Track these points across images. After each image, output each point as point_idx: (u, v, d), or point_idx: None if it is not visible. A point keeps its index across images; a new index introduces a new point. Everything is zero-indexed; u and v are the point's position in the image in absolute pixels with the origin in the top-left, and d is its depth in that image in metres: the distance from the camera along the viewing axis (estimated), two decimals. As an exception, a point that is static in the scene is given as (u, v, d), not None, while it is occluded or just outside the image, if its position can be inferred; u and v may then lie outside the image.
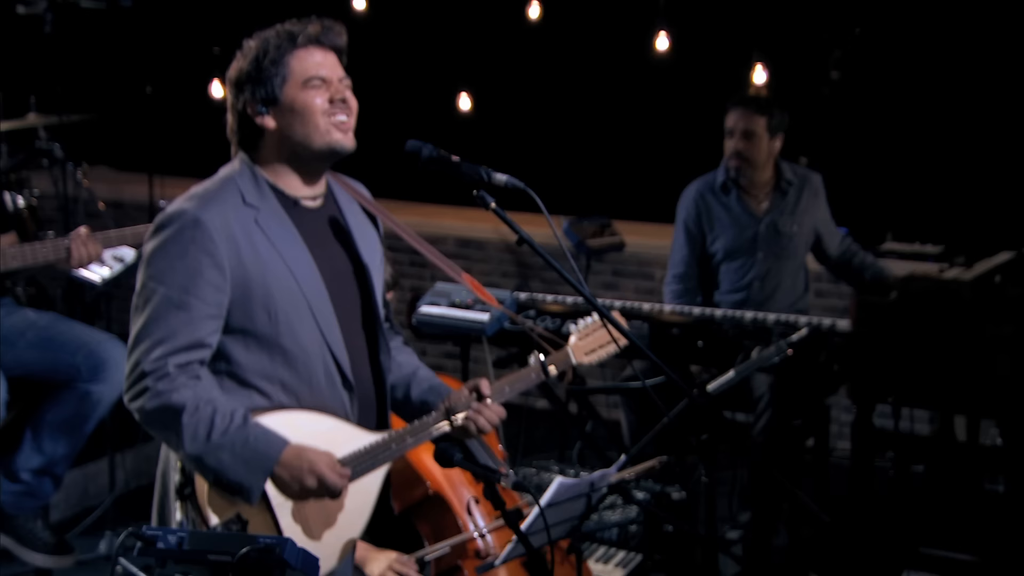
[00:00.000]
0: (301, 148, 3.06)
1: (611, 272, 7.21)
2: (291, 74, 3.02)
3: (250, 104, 3.03)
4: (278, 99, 3.02)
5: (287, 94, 3.02)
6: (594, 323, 3.62)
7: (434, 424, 3.21)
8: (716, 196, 5.60)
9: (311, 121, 3.03)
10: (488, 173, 3.10)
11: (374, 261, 3.25)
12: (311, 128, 3.03)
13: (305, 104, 3.03)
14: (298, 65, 3.03)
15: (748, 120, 5.44)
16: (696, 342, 4.96)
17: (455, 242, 7.56)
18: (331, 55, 3.10)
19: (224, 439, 2.91)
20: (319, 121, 3.03)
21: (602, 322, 3.54)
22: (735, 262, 5.58)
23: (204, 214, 2.95)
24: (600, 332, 3.61)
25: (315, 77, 3.04)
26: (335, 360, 3.09)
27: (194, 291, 2.93)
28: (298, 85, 3.02)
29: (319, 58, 3.06)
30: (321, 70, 3.05)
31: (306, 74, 3.03)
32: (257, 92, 3.02)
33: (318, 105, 3.03)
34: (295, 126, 3.03)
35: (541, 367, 3.44)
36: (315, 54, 3.06)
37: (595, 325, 3.62)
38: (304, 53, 3.04)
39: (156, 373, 2.92)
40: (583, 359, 3.56)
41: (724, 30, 7.07)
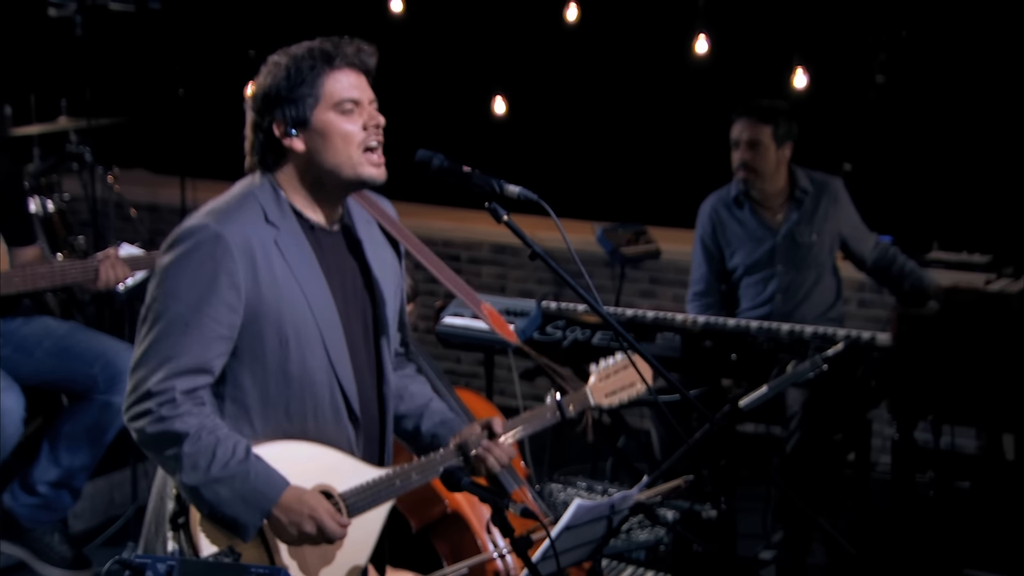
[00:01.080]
0: (328, 175, 2.96)
1: (648, 280, 7.06)
2: (324, 96, 2.92)
3: (278, 124, 2.93)
4: (308, 122, 2.92)
5: (318, 117, 2.93)
6: (616, 364, 3.50)
7: (442, 463, 3.09)
8: (730, 210, 5.47)
9: (343, 150, 2.94)
10: (500, 184, 2.99)
11: (388, 287, 3.13)
12: (343, 158, 2.94)
13: (337, 130, 2.93)
14: (331, 87, 2.93)
15: (753, 130, 5.30)
16: (729, 355, 4.80)
17: (490, 248, 7.44)
18: (363, 77, 3.00)
19: (224, 472, 2.80)
20: (352, 152, 2.94)
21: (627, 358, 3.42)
22: (755, 277, 5.45)
23: (225, 229, 2.85)
24: (623, 374, 3.48)
25: (348, 100, 2.94)
26: (343, 392, 3.00)
27: (208, 310, 2.83)
28: (330, 108, 2.92)
29: (353, 80, 2.97)
30: (353, 92, 2.95)
31: (339, 96, 2.93)
32: (288, 113, 2.92)
33: (351, 132, 2.94)
34: (325, 152, 2.94)
35: (558, 407, 3.31)
36: (349, 76, 2.96)
37: (618, 366, 3.50)
38: (338, 75, 2.94)
39: (161, 396, 2.82)
40: (603, 401, 3.45)
41: (764, 33, 6.91)
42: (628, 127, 7.43)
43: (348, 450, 3.01)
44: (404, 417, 3.27)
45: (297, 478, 2.89)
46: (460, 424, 3.24)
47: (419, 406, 3.27)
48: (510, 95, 7.31)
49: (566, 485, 4.62)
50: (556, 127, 7.63)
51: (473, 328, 4.60)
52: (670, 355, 4.87)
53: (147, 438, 2.85)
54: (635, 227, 6.13)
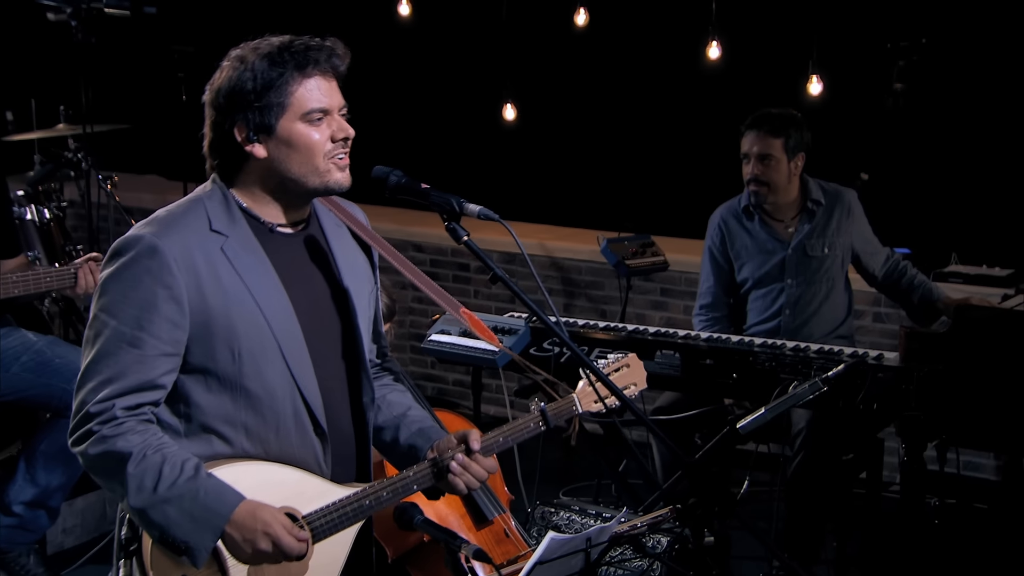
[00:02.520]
0: (291, 183, 2.81)
1: (659, 291, 6.90)
2: (291, 104, 2.76)
3: (240, 128, 2.78)
4: (273, 129, 2.77)
5: (284, 126, 2.77)
6: (610, 364, 3.33)
7: (415, 481, 2.93)
8: (740, 221, 5.33)
9: (310, 161, 2.79)
10: (460, 203, 2.83)
11: (360, 293, 2.98)
12: (309, 168, 2.79)
13: (303, 141, 2.78)
14: (301, 96, 2.77)
15: (763, 143, 5.15)
16: (730, 374, 4.63)
17: (499, 257, 7.28)
18: (333, 82, 2.84)
19: (171, 492, 2.66)
20: (319, 162, 2.79)
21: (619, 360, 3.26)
22: (763, 290, 5.30)
23: (162, 241, 2.70)
24: (619, 375, 3.32)
25: (316, 110, 2.78)
26: (306, 404, 2.84)
27: (148, 326, 2.69)
28: (297, 117, 2.77)
29: (324, 88, 2.81)
30: (323, 101, 2.79)
31: (309, 106, 2.78)
32: (251, 118, 2.76)
33: (317, 143, 2.79)
34: (290, 161, 2.79)
35: (542, 415, 3.14)
36: (320, 83, 2.80)
37: (611, 367, 3.33)
38: (309, 83, 2.78)
39: (102, 416, 2.68)
40: (592, 407, 3.27)
41: (778, 39, 6.74)
42: (638, 134, 7.30)
43: (316, 468, 2.86)
44: (382, 428, 3.12)
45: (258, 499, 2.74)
46: (439, 434, 3.08)
47: (396, 416, 3.12)
48: (519, 101, 7.16)
49: (559, 508, 4.47)
50: (565, 134, 7.51)
51: (459, 345, 4.45)
52: (669, 373, 4.72)
53: (90, 460, 2.72)
54: (642, 238, 5.98)
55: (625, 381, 3.34)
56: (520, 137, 7.40)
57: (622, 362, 3.34)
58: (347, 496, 2.84)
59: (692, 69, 6.81)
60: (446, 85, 7.81)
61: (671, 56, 7.04)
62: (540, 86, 7.42)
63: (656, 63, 7.12)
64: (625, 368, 3.35)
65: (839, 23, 6.56)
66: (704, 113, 6.96)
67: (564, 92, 7.45)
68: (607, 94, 7.35)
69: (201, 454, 2.76)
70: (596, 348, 4.81)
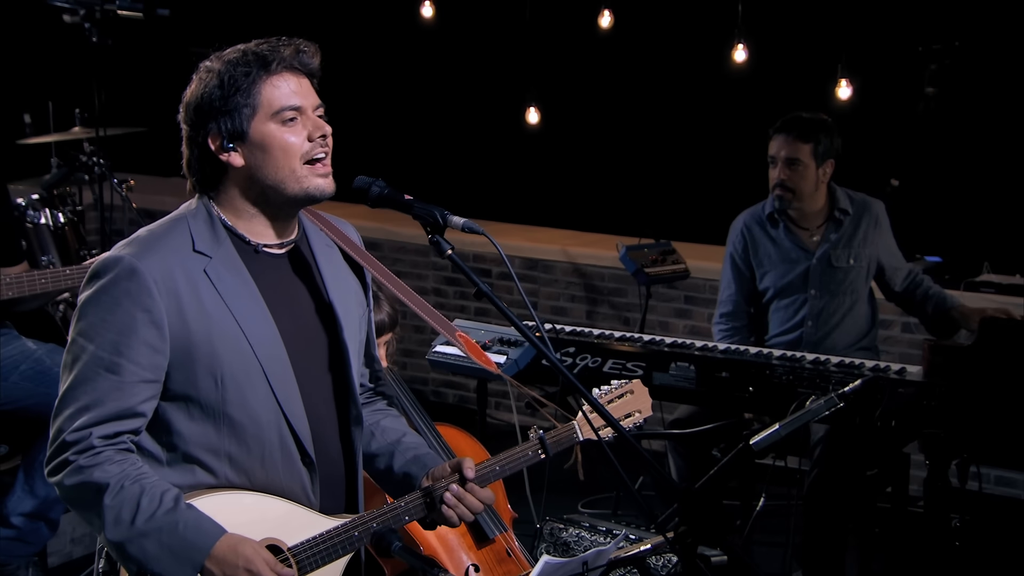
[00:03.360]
0: (272, 191, 2.70)
1: (683, 299, 6.76)
2: (261, 105, 2.65)
3: (213, 138, 2.67)
4: (246, 134, 2.66)
5: (256, 128, 2.66)
6: (611, 393, 3.20)
7: (407, 512, 2.81)
8: (763, 228, 5.18)
9: (286, 164, 2.67)
10: (444, 215, 2.70)
11: (349, 315, 2.86)
12: (285, 172, 2.67)
13: (278, 142, 2.66)
14: (269, 95, 2.66)
15: (791, 147, 5.00)
16: (747, 387, 4.49)
17: (521, 263, 7.18)
18: (305, 80, 2.73)
19: (149, 525, 2.55)
20: (295, 165, 2.67)
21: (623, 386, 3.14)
22: (786, 300, 5.16)
23: (142, 263, 2.59)
24: (618, 404, 3.18)
25: (287, 107, 2.67)
26: (293, 432, 2.72)
27: (126, 352, 2.58)
28: (268, 118, 2.66)
29: (293, 85, 2.69)
30: (294, 99, 2.68)
31: (278, 104, 2.66)
32: (223, 125, 2.65)
33: (293, 144, 2.67)
34: (266, 167, 2.67)
35: (541, 443, 3.02)
36: (289, 81, 2.69)
37: (611, 395, 3.20)
38: (276, 80, 2.67)
39: (78, 445, 2.57)
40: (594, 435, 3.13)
41: (807, 41, 6.61)
42: (663, 138, 7.19)
43: (303, 498, 2.75)
44: (375, 456, 3.00)
45: (239, 532, 2.63)
46: (434, 460, 2.97)
47: (391, 443, 3.00)
48: (543, 105, 7.05)
49: (569, 525, 4.36)
50: (589, 138, 7.40)
51: (464, 356, 4.33)
52: (684, 386, 4.59)
53: (66, 491, 2.61)
54: (662, 246, 5.86)
55: (628, 408, 3.21)
56: (543, 141, 7.30)
57: (625, 388, 3.21)
58: (335, 527, 2.73)
59: (718, 72, 6.69)
60: (469, 88, 7.72)
61: (697, 59, 6.93)
62: (564, 89, 7.33)
63: (681, 66, 7.02)
64: (629, 395, 3.22)
65: (869, 25, 6.44)
66: (730, 117, 6.84)
67: (588, 95, 7.36)
68: (631, 97, 7.25)
69: (184, 484, 2.65)
70: (610, 359, 4.69)
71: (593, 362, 4.71)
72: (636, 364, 4.64)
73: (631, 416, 3.20)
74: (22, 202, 5.68)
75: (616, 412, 3.17)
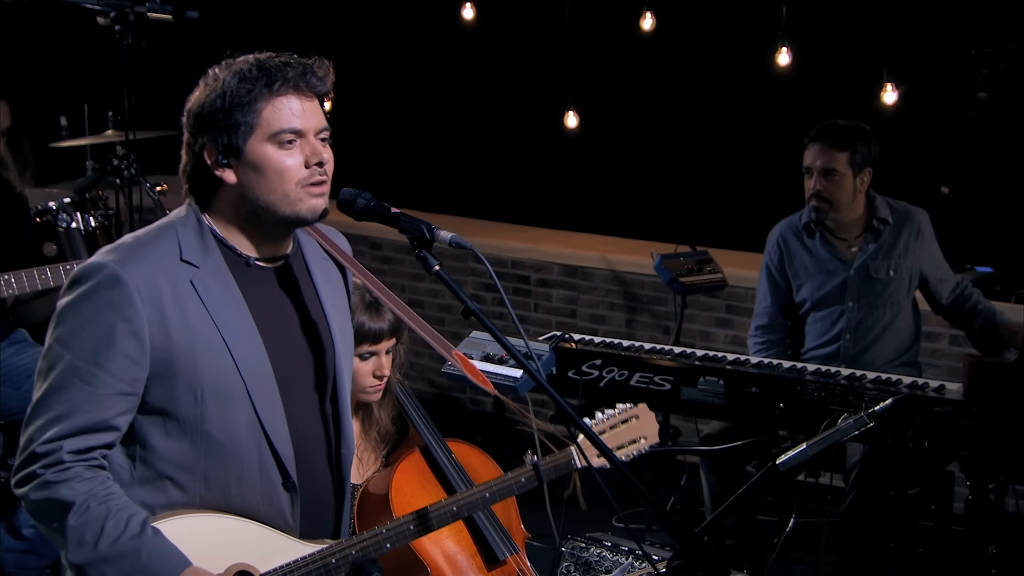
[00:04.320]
0: (264, 212, 2.59)
1: (724, 308, 6.60)
2: (259, 124, 2.54)
3: (209, 151, 2.57)
4: (241, 152, 2.55)
5: (252, 148, 2.55)
6: (614, 417, 3.06)
7: (388, 540, 2.70)
8: (800, 239, 5.02)
9: (279, 188, 2.56)
10: (431, 230, 2.58)
11: (346, 332, 2.76)
12: (278, 196, 2.56)
13: (272, 165, 2.55)
14: (270, 115, 2.55)
15: (827, 157, 4.83)
16: (777, 404, 4.33)
17: (560, 270, 7.05)
18: (310, 102, 2.60)
19: (112, 550, 2.45)
20: (288, 189, 2.56)
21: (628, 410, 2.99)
22: (823, 312, 4.99)
23: (125, 270, 2.50)
24: (623, 429, 3.04)
25: (287, 131, 2.55)
26: (275, 454, 2.62)
27: (104, 362, 2.49)
28: (266, 138, 2.54)
29: (296, 107, 2.57)
30: (295, 122, 2.56)
31: (277, 126, 2.54)
32: (220, 139, 2.55)
33: (288, 168, 2.56)
34: (259, 187, 2.57)
35: (534, 470, 2.88)
36: (291, 102, 2.57)
37: (615, 419, 3.06)
38: (280, 101, 2.55)
39: (47, 459, 2.48)
40: (595, 461, 2.99)
41: (852, 45, 6.41)
42: (704, 143, 7.04)
43: (281, 521, 2.64)
44: None
45: (209, 557, 2.53)
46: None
47: None
48: (582, 109, 6.92)
49: (591, 544, 4.23)
50: (629, 143, 7.26)
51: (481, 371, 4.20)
52: (713, 401, 4.43)
53: (32, 505, 2.52)
54: (699, 255, 5.70)
55: (632, 434, 3.07)
56: (582, 145, 7.16)
57: (630, 413, 3.07)
58: (311, 554, 2.62)
59: (761, 76, 6.52)
60: (508, 91, 7.61)
61: (739, 62, 6.78)
62: (603, 93, 7.20)
63: (723, 69, 6.87)
64: (634, 420, 3.07)
65: (917, 28, 6.24)
66: (773, 122, 6.66)
67: (628, 99, 7.23)
68: (672, 101, 7.10)
69: (155, 503, 2.56)
70: (637, 373, 4.55)
71: (620, 375, 4.57)
72: (664, 378, 4.50)
73: (636, 442, 3.06)
74: (53, 206, 5.63)
75: (619, 438, 3.03)
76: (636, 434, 3.07)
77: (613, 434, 3.03)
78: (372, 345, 3.39)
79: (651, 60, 7.04)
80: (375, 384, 3.49)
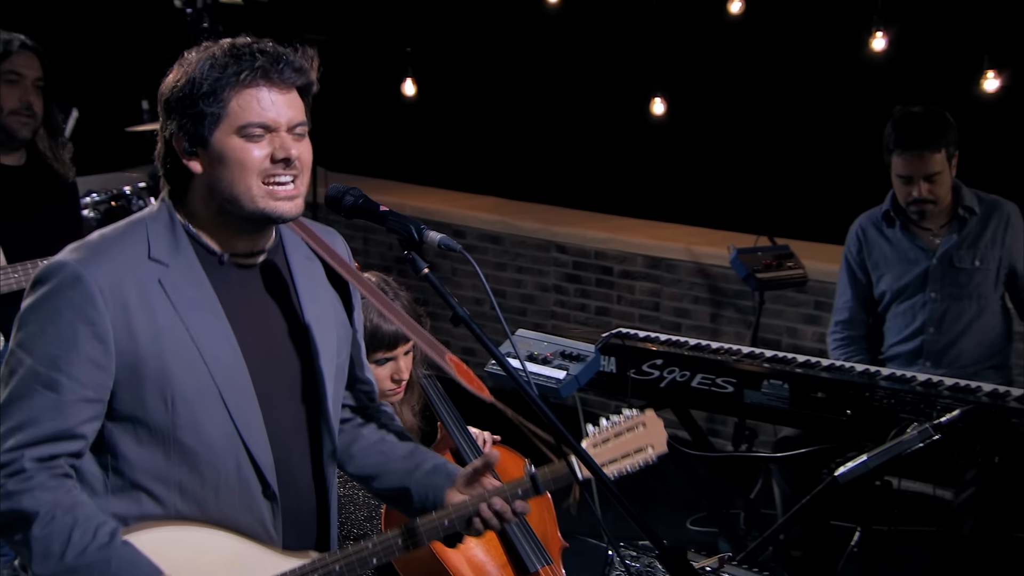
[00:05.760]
0: (230, 205, 2.44)
1: (813, 304, 6.32)
2: (226, 116, 2.38)
3: (177, 138, 2.43)
4: (207, 141, 2.40)
5: (218, 139, 2.39)
6: (617, 426, 2.85)
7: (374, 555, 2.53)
8: (879, 229, 4.82)
9: (241, 180, 2.40)
10: (420, 230, 2.43)
11: (326, 333, 2.59)
12: (240, 188, 2.41)
13: (236, 157, 2.39)
14: (237, 105, 2.39)
15: (926, 163, 4.60)
16: (844, 411, 4.09)
17: (643, 261, 6.84)
18: (286, 95, 2.44)
19: (79, 561, 2.32)
20: (251, 183, 2.40)
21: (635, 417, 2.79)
22: (904, 304, 4.77)
23: (87, 269, 2.37)
24: (627, 437, 2.82)
25: (254, 124, 2.39)
26: (253, 461, 2.47)
27: (66, 367, 2.35)
28: (232, 130, 2.39)
29: (265, 100, 2.40)
30: (264, 115, 2.40)
31: (244, 119, 2.39)
32: (185, 127, 2.40)
33: (253, 161, 2.40)
34: (223, 180, 2.41)
35: (532, 481, 2.70)
36: (262, 94, 2.40)
37: (619, 428, 2.85)
38: (250, 92, 2.40)
39: (8, 468, 2.35)
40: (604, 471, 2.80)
41: (951, 29, 6.09)
42: (795, 130, 6.77)
43: (262, 533, 2.50)
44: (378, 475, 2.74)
45: (185, 572, 2.40)
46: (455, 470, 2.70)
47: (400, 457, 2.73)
48: (669, 95, 6.69)
49: (642, 553, 4.04)
50: (717, 130, 7.02)
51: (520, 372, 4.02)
52: (777, 406, 4.21)
53: None
54: (778, 249, 5.47)
55: (638, 443, 2.85)
56: (669, 133, 6.94)
57: (636, 421, 2.85)
58: (292, 569, 2.48)
59: (854, 61, 6.24)
60: (593, 76, 7.41)
61: (832, 47, 6.49)
62: (691, 79, 6.95)
63: (814, 55, 6.58)
64: (640, 428, 2.85)
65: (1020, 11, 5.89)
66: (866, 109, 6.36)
67: (716, 85, 6.97)
68: (761, 87, 6.84)
69: (128, 514, 2.42)
70: (699, 374, 4.35)
71: (681, 376, 4.37)
72: (726, 380, 4.29)
73: (641, 452, 2.85)
74: (128, 190, 5.61)
75: (624, 447, 2.82)
76: (642, 443, 2.86)
77: (617, 443, 2.83)
78: (388, 351, 3.24)
79: (740, 45, 6.80)
80: (394, 388, 3.34)
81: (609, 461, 2.76)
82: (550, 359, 3.95)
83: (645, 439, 2.82)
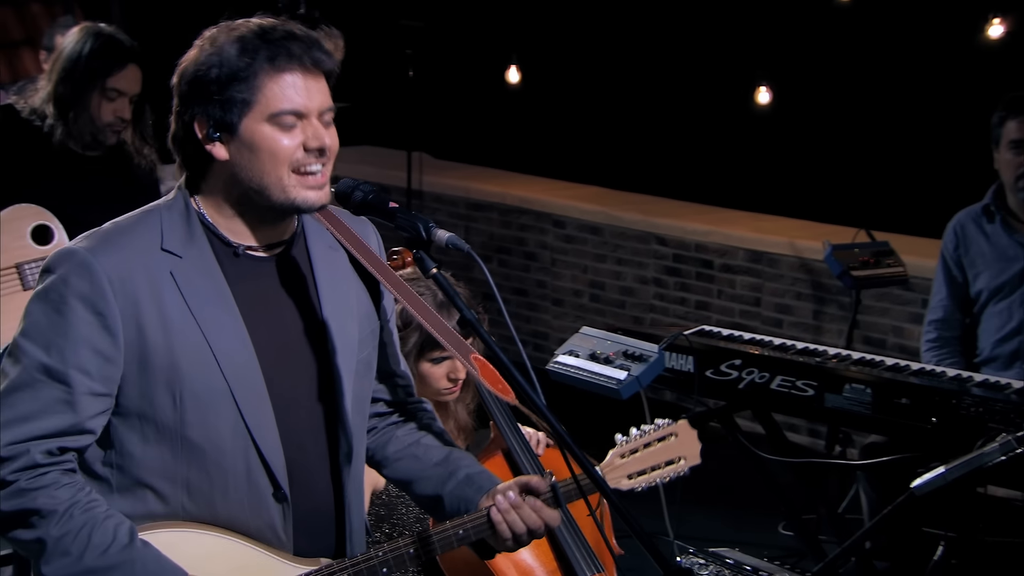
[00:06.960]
0: (256, 195, 2.36)
1: (921, 303, 6.05)
2: (258, 102, 2.30)
3: (199, 122, 2.34)
4: (236, 128, 2.32)
5: (248, 126, 2.31)
6: (646, 436, 2.71)
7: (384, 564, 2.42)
8: (978, 225, 4.66)
9: (274, 170, 2.32)
10: (428, 228, 2.32)
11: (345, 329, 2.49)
12: (271, 179, 2.33)
13: (267, 145, 2.31)
14: (270, 93, 2.30)
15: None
16: (929, 418, 3.88)
17: (745, 255, 6.64)
18: (317, 80, 2.35)
19: (101, 562, 2.25)
20: (282, 174, 2.32)
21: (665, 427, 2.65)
22: (1001, 304, 4.60)
23: (98, 259, 2.29)
24: (662, 447, 2.69)
25: (287, 111, 2.31)
26: (264, 462, 2.38)
27: (74, 359, 2.28)
28: (263, 117, 2.31)
29: (300, 85, 2.32)
30: (297, 102, 2.32)
31: (277, 106, 2.31)
32: (211, 112, 2.32)
33: (285, 151, 2.32)
34: (251, 168, 2.33)
35: (552, 491, 2.57)
36: (297, 79, 2.32)
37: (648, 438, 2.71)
38: (283, 77, 2.31)
39: (16, 462, 2.28)
40: (622, 484, 2.67)
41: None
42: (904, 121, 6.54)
43: (271, 536, 2.41)
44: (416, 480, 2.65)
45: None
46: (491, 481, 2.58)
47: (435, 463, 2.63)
48: (774, 84, 6.50)
49: (712, 561, 3.88)
50: (824, 120, 6.81)
51: (582, 369, 3.88)
52: (859, 411, 4.00)
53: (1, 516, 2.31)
54: (877, 245, 5.24)
55: (669, 454, 2.71)
56: (774, 122, 6.74)
57: (667, 430, 2.71)
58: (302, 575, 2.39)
59: (969, 49, 6.00)
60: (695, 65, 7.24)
61: (945, 34, 6.24)
62: (797, 67, 6.76)
63: (926, 42, 6.34)
64: (672, 438, 2.71)
65: None
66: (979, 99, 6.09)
67: (823, 74, 6.75)
68: (870, 76, 6.60)
69: (133, 512, 2.35)
70: (779, 375, 4.15)
71: (760, 377, 4.18)
72: (807, 383, 4.10)
73: (672, 463, 2.71)
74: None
75: (654, 458, 2.69)
76: (674, 454, 2.72)
77: (646, 453, 2.69)
78: (444, 350, 3.14)
79: (847, 32, 6.58)
80: (450, 387, 3.25)
81: (637, 472, 2.63)
82: (612, 359, 3.80)
83: (677, 450, 2.69)
